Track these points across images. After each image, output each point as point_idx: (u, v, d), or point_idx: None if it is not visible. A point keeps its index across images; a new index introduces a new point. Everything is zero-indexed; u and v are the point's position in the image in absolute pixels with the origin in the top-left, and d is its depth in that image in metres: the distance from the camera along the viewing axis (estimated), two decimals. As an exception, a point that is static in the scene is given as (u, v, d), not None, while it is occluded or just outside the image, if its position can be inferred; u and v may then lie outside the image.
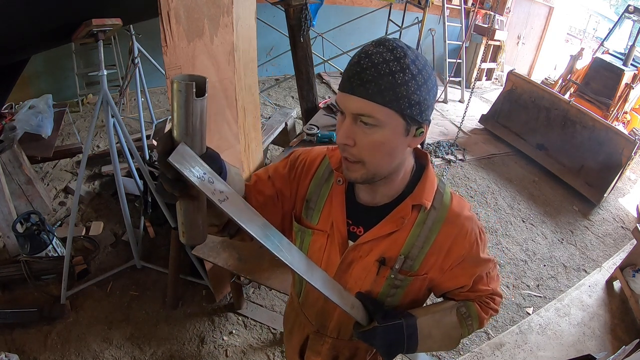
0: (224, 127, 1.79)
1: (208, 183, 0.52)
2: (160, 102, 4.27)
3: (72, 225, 1.86)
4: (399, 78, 0.58)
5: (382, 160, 0.64)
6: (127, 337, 1.89)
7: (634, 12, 4.47)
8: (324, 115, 2.71)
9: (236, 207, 0.55)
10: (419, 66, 0.60)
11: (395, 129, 0.61)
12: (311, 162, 0.81)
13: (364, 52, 0.60)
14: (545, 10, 7.33)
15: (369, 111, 0.59)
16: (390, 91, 0.58)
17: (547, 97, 4.08)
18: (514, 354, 2.13)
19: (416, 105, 0.60)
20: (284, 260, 0.61)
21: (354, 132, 0.62)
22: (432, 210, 0.72)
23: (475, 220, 0.75)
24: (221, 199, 0.53)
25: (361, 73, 0.58)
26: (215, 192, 0.53)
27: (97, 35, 1.74)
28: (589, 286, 2.73)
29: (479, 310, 0.82)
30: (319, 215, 0.78)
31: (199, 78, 0.50)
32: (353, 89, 0.59)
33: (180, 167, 0.49)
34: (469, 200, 3.43)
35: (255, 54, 1.97)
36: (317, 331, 0.91)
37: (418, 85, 0.60)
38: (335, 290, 0.70)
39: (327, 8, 4.78)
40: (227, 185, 0.55)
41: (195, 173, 0.51)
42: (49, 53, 3.47)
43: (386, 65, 0.57)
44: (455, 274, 0.77)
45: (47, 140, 2.62)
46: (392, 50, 0.58)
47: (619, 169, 3.53)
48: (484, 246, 0.77)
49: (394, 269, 0.74)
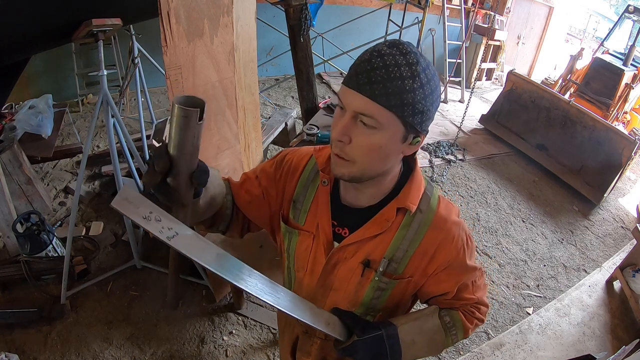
0: (224, 127, 1.79)
1: (155, 222, 0.53)
2: (160, 102, 4.27)
3: (72, 225, 1.85)
4: (407, 84, 0.57)
5: (374, 162, 0.64)
6: (127, 337, 1.89)
7: (634, 12, 4.47)
8: (324, 115, 2.71)
9: (186, 242, 0.55)
10: (429, 75, 0.59)
11: (393, 134, 0.60)
12: (297, 162, 0.80)
13: (377, 51, 0.58)
14: (545, 10, 7.33)
15: (371, 112, 0.58)
16: (397, 96, 0.57)
17: (547, 97, 4.08)
18: (514, 354, 2.13)
19: (419, 114, 0.59)
20: (244, 288, 0.59)
21: (351, 130, 0.61)
22: (418, 213, 0.71)
23: (463, 225, 0.74)
24: (170, 236, 0.53)
25: (370, 72, 0.57)
26: (163, 229, 0.53)
27: (97, 35, 1.74)
28: (589, 286, 2.73)
29: (464, 320, 0.81)
30: (306, 216, 0.78)
31: (199, 102, 0.52)
32: (359, 86, 0.58)
33: (123, 211, 0.51)
34: (469, 200, 3.43)
35: (255, 54, 1.98)
36: (305, 332, 0.91)
37: (425, 95, 0.58)
38: (306, 310, 0.68)
39: (327, 8, 4.78)
40: (176, 222, 0.55)
41: (141, 213, 0.52)
42: (49, 53, 3.46)
43: (397, 68, 0.56)
44: (440, 279, 0.76)
45: (47, 140, 2.61)
46: (406, 55, 0.57)
47: (619, 169, 3.53)
48: (471, 253, 0.76)
49: (378, 271, 0.73)
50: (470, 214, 3.26)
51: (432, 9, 4.83)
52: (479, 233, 3.06)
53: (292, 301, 0.67)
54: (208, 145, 1.72)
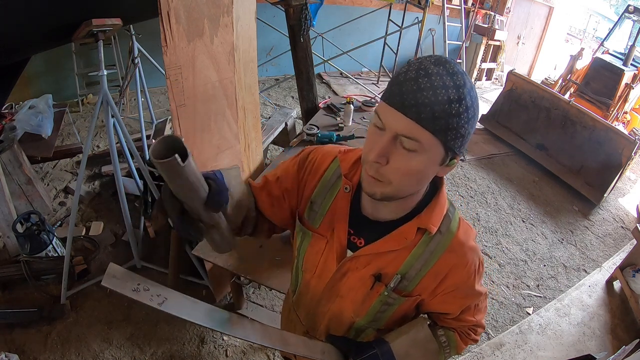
0: (224, 127, 1.79)
1: (144, 291, 0.56)
2: (160, 102, 4.27)
3: (72, 225, 1.85)
4: (454, 108, 0.54)
5: (410, 185, 0.62)
6: (127, 337, 1.89)
7: (634, 12, 4.47)
8: (324, 115, 2.72)
9: (176, 305, 0.59)
10: (473, 98, 0.56)
11: (433, 158, 0.58)
12: (320, 162, 0.78)
13: (423, 70, 0.54)
14: (545, 10, 7.33)
15: (415, 135, 0.55)
16: (442, 120, 0.54)
17: (547, 97, 4.08)
18: (514, 354, 2.13)
19: (460, 138, 0.57)
20: (238, 336, 0.64)
21: (389, 151, 0.58)
22: (437, 234, 0.69)
23: (477, 251, 0.73)
24: (160, 302, 0.57)
25: (417, 92, 0.53)
26: (152, 297, 0.57)
27: (97, 35, 1.74)
28: (589, 286, 2.73)
29: (459, 341, 0.82)
30: (321, 220, 0.77)
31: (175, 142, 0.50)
32: (405, 107, 0.54)
33: (113, 288, 0.54)
34: (469, 200, 3.43)
35: (255, 54, 1.97)
36: (307, 332, 0.91)
37: (468, 119, 0.56)
38: (300, 345, 0.73)
39: (327, 8, 4.78)
40: (164, 288, 0.59)
41: (130, 287, 0.55)
42: (49, 53, 3.46)
43: (445, 91, 0.53)
44: (446, 300, 0.75)
45: (47, 140, 2.61)
46: (453, 76, 0.54)
47: (619, 169, 3.53)
48: (480, 278, 0.76)
49: (389, 287, 0.72)
50: (470, 214, 3.26)
51: (432, 9, 4.83)
52: (479, 233, 3.05)
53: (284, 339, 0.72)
54: (208, 145, 1.72)
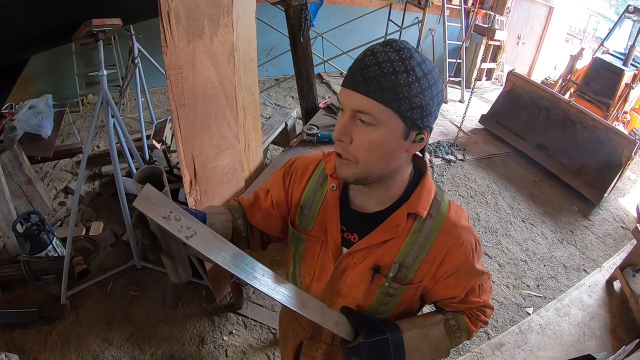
0: (224, 127, 1.79)
1: (174, 221, 0.54)
2: (160, 102, 4.27)
3: (72, 225, 1.86)
4: (401, 78, 0.57)
5: (377, 161, 0.63)
6: (127, 337, 1.89)
7: (634, 12, 4.47)
8: (324, 115, 2.71)
9: (204, 242, 0.57)
10: (425, 70, 0.59)
11: (393, 130, 0.60)
12: (305, 167, 0.81)
13: (370, 50, 0.59)
14: (545, 10, 7.33)
15: (367, 108, 0.58)
16: (391, 90, 0.57)
17: (547, 97, 4.08)
18: (514, 354, 2.13)
19: (417, 108, 0.59)
20: (257, 287, 0.61)
21: (351, 129, 0.61)
22: (428, 218, 0.71)
23: (472, 230, 0.74)
24: (188, 235, 0.55)
25: (364, 70, 0.58)
26: (182, 229, 0.54)
27: (97, 35, 1.74)
28: (589, 286, 2.73)
29: (469, 323, 0.82)
30: (313, 222, 0.78)
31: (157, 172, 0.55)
32: (354, 84, 0.59)
33: (144, 211, 0.52)
34: (469, 200, 3.43)
35: (255, 54, 1.98)
36: (311, 337, 0.90)
37: (421, 89, 0.58)
38: (316, 310, 0.70)
39: (327, 8, 4.78)
40: (195, 221, 0.57)
41: (161, 213, 0.53)
42: (49, 53, 3.47)
43: (390, 64, 0.57)
44: (448, 283, 0.76)
45: (47, 140, 2.62)
46: (399, 51, 0.58)
47: (619, 169, 3.52)
48: (479, 257, 0.76)
49: (388, 277, 0.73)
50: (470, 214, 3.26)
51: (432, 9, 4.83)
52: (479, 233, 3.05)
53: (303, 300, 0.68)
54: (208, 145, 1.72)
